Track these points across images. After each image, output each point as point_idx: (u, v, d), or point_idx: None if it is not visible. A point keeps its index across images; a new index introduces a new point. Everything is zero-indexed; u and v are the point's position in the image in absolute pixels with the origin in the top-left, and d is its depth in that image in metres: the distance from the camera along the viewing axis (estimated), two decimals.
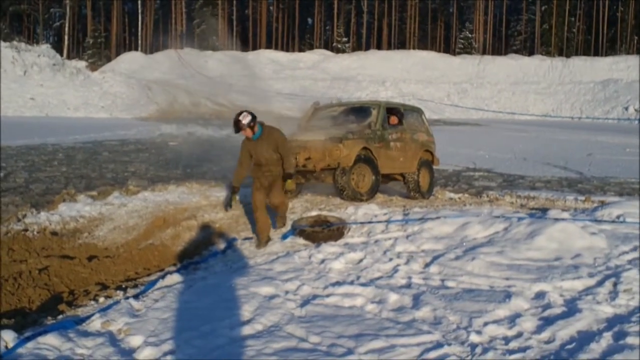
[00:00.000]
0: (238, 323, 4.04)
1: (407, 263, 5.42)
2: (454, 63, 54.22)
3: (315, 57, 56.72)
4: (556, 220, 6.09)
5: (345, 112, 9.49)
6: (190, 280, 5.33)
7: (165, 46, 58.83)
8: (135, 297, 4.74)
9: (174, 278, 5.30)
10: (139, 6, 67.72)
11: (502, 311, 4.11)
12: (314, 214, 7.29)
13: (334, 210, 7.50)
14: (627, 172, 14.11)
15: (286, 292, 4.73)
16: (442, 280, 4.89)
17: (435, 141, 10.24)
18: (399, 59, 54.61)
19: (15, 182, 11.14)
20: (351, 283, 4.92)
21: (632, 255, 5.26)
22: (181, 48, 55.26)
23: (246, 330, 3.93)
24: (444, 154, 12.09)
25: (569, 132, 29.47)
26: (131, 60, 52.70)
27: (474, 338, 3.71)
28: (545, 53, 61.01)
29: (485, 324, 3.90)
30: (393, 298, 4.49)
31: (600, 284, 4.58)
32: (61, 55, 47.34)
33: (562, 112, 45.46)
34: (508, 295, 4.35)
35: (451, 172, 14.11)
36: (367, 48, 66.81)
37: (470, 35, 65.84)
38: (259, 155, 6.51)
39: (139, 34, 68.53)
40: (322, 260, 5.67)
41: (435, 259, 5.46)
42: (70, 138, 20.94)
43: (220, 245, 6.80)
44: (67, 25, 61.98)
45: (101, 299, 4.86)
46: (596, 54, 61.57)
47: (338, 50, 62.08)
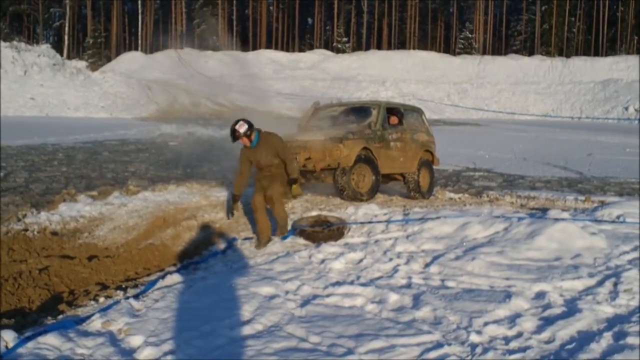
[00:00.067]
0: (238, 323, 4.04)
1: (407, 263, 5.42)
2: (454, 63, 54.23)
3: (316, 57, 56.74)
4: (556, 220, 6.09)
5: (345, 112, 9.49)
6: (190, 280, 5.33)
7: (166, 46, 58.88)
8: (136, 297, 4.74)
9: (174, 278, 5.30)
10: (139, 6, 67.73)
11: (502, 311, 4.11)
12: (314, 214, 7.29)
13: (334, 210, 7.50)
14: (627, 172, 14.11)
15: (286, 292, 4.73)
16: (442, 280, 4.89)
17: (435, 141, 10.25)
18: (399, 59, 54.63)
19: (15, 182, 11.14)
20: (351, 283, 4.92)
21: (633, 255, 5.26)
22: (181, 48, 55.30)
23: (246, 330, 3.93)
24: (444, 154, 12.09)
25: (569, 132, 29.48)
26: (131, 60, 52.72)
27: (474, 338, 3.71)
28: (545, 53, 61.02)
29: (486, 324, 3.90)
30: (393, 298, 4.49)
31: (600, 284, 4.58)
32: (61, 55, 47.36)
33: (562, 112, 45.47)
34: (508, 295, 4.35)
35: (451, 172, 14.10)
36: (367, 48, 66.83)
37: (470, 36, 65.85)
38: (259, 161, 6.50)
39: (139, 33, 68.56)
40: (322, 260, 5.67)
41: (435, 259, 5.46)
42: (70, 138, 20.94)
43: (221, 245, 6.80)
44: (67, 25, 62.00)
45: (101, 299, 4.85)
46: (596, 54, 61.58)
47: (338, 50, 62.09)
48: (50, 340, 3.62)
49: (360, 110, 9.45)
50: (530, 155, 18.03)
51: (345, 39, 66.41)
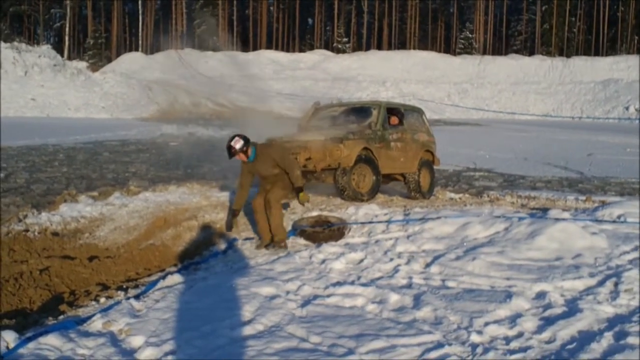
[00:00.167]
0: (239, 323, 4.04)
1: (408, 263, 5.42)
2: (454, 63, 54.25)
3: (316, 58, 56.79)
4: (557, 220, 6.09)
5: (345, 113, 9.49)
6: (191, 280, 5.33)
7: (166, 47, 58.92)
8: (136, 298, 4.74)
9: (175, 278, 5.30)
10: (140, 7, 67.80)
11: (503, 311, 4.11)
12: (314, 214, 7.29)
13: (334, 211, 7.50)
14: (628, 172, 14.11)
15: (287, 292, 4.73)
16: (443, 280, 4.89)
17: (435, 141, 10.25)
18: (400, 59, 54.66)
19: (16, 183, 11.15)
20: (352, 283, 4.92)
21: (633, 255, 5.26)
22: (182, 48, 55.38)
23: (247, 330, 3.93)
24: (445, 154, 12.09)
25: (570, 132, 29.47)
26: (132, 61, 52.79)
27: (474, 338, 3.70)
28: (545, 53, 61.05)
29: (486, 324, 3.90)
30: (394, 298, 4.49)
31: (601, 283, 4.58)
32: (62, 55, 47.40)
33: (563, 112, 45.48)
34: (509, 295, 4.35)
35: (452, 172, 14.10)
36: (368, 48, 66.86)
37: (470, 36, 65.86)
38: (260, 173, 6.46)
39: (140, 34, 68.61)
40: (323, 261, 5.67)
41: (436, 259, 5.46)
42: (71, 138, 20.96)
43: (221, 246, 6.79)
44: (68, 25, 62.05)
45: (102, 300, 4.85)
46: (597, 53, 61.58)
47: (338, 51, 62.12)
48: (51, 340, 3.62)
49: (360, 111, 9.45)
50: (530, 155, 18.03)
51: (345, 39, 66.43)
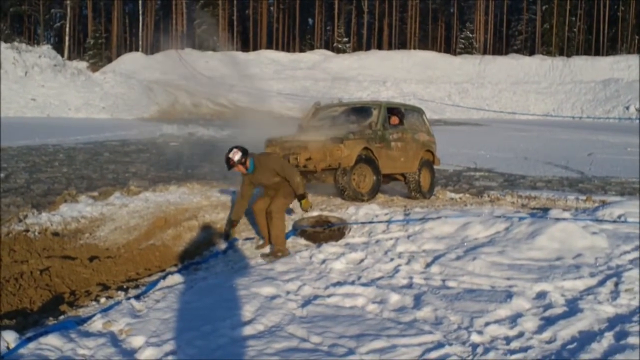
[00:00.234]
0: (239, 323, 4.04)
1: (408, 263, 5.41)
2: (454, 63, 54.25)
3: (316, 57, 56.77)
4: (557, 220, 6.08)
5: (346, 112, 9.49)
6: (191, 280, 5.33)
7: (166, 47, 58.91)
8: (137, 298, 4.74)
9: (175, 278, 5.30)
10: (140, 7, 67.81)
11: (504, 311, 4.11)
12: (315, 214, 7.28)
13: (335, 211, 7.50)
14: (628, 172, 14.11)
15: (287, 293, 4.73)
16: (443, 280, 4.89)
17: (436, 141, 10.24)
18: (400, 59, 54.66)
19: (16, 183, 11.16)
20: (352, 283, 4.92)
21: (634, 255, 5.25)
22: (182, 48, 55.36)
23: (247, 330, 3.93)
24: (445, 154, 12.10)
25: (570, 132, 29.47)
26: (132, 61, 52.78)
27: (475, 338, 3.70)
28: (546, 53, 61.04)
29: (487, 324, 3.90)
30: (394, 298, 4.49)
31: (601, 283, 4.57)
32: (62, 56, 47.41)
33: (563, 112, 45.48)
34: (509, 295, 4.35)
35: (452, 172, 14.10)
36: (368, 48, 66.86)
37: (471, 35, 65.84)
38: (261, 183, 6.42)
39: (140, 34, 68.62)
40: (323, 261, 5.67)
41: (436, 259, 5.46)
42: (71, 139, 20.97)
43: (222, 246, 6.79)
44: (68, 26, 62.07)
45: (102, 300, 4.86)
46: (597, 53, 61.56)
47: (339, 51, 62.11)
48: (52, 340, 3.63)
49: (361, 111, 9.45)
50: (531, 155, 18.03)
51: (345, 39, 66.42)
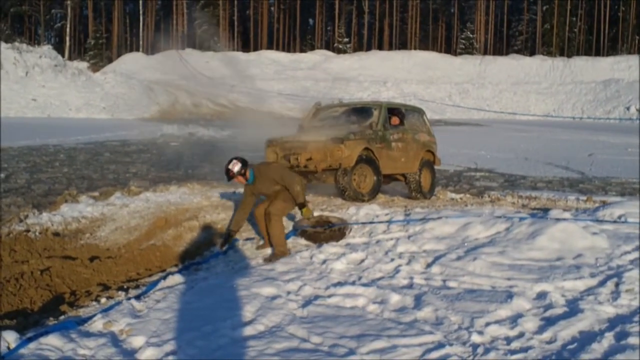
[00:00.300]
0: (240, 323, 4.04)
1: (409, 263, 5.41)
2: (455, 63, 54.24)
3: (317, 58, 56.78)
4: (558, 220, 6.08)
5: (346, 113, 9.49)
6: (191, 280, 5.34)
7: (167, 47, 58.92)
8: (137, 298, 4.75)
9: (176, 279, 5.30)
10: (140, 7, 67.83)
11: (504, 311, 4.10)
12: (315, 214, 7.28)
13: (335, 211, 7.50)
14: (629, 172, 14.10)
15: (288, 293, 4.73)
16: (444, 281, 4.89)
17: (436, 141, 10.25)
18: (400, 59, 54.64)
19: (17, 183, 11.17)
20: (353, 283, 4.92)
21: (634, 255, 5.25)
22: (182, 49, 55.37)
23: (248, 330, 3.93)
24: (446, 155, 12.11)
25: (571, 132, 29.46)
26: (132, 61, 52.80)
27: (475, 338, 3.70)
28: (546, 53, 61.03)
29: (487, 324, 3.90)
30: (395, 298, 4.48)
31: (602, 284, 4.57)
32: (63, 56, 47.43)
33: (564, 112, 45.47)
34: (510, 296, 4.35)
35: (452, 173, 14.10)
36: (369, 48, 66.86)
37: (471, 36, 65.82)
38: (262, 192, 6.38)
39: (140, 34, 68.63)
40: (324, 261, 5.67)
41: (436, 259, 5.46)
42: (71, 139, 20.98)
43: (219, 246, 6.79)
44: (69, 26, 62.11)
45: (103, 300, 4.86)
46: (597, 53, 61.54)
47: (339, 51, 62.11)
48: (52, 341, 3.63)
49: (361, 111, 9.45)
50: (531, 156, 18.03)
51: (346, 40, 66.42)
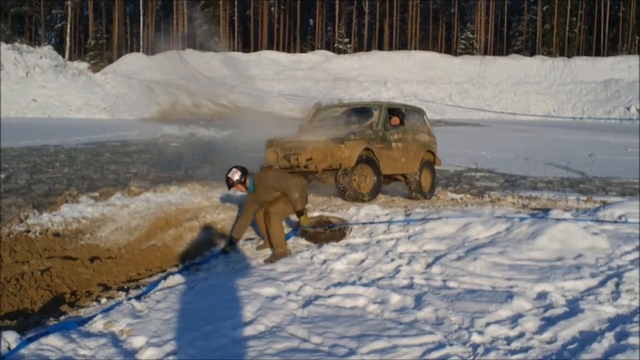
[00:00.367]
0: (240, 324, 4.05)
1: (409, 263, 5.42)
2: (455, 63, 54.22)
3: (317, 58, 56.76)
4: (558, 220, 6.08)
5: (346, 113, 9.50)
6: (192, 281, 5.34)
7: (167, 47, 58.91)
8: (138, 298, 4.75)
9: (176, 279, 5.31)
10: (141, 7, 67.83)
11: (504, 311, 4.11)
12: (316, 214, 7.29)
13: (335, 211, 7.50)
14: (629, 172, 14.10)
15: (288, 293, 4.73)
16: (444, 281, 4.89)
17: (436, 142, 10.25)
18: (401, 59, 54.62)
19: (17, 184, 11.17)
20: (353, 284, 4.92)
21: (634, 255, 5.25)
22: (183, 49, 55.36)
23: (248, 330, 3.93)
24: (446, 155, 12.10)
25: (571, 133, 29.45)
26: (133, 62, 52.78)
27: (475, 338, 3.70)
28: (546, 53, 61.00)
29: (487, 325, 3.90)
30: (395, 298, 4.49)
31: (602, 284, 4.57)
32: (63, 56, 47.43)
33: (564, 112, 45.45)
34: (510, 296, 4.35)
35: (453, 173, 14.10)
36: (369, 49, 66.84)
37: (471, 36, 65.79)
38: (263, 200, 6.37)
39: (141, 35, 68.61)
40: (324, 261, 5.67)
41: (437, 259, 5.46)
42: (72, 139, 20.98)
43: (222, 246, 6.80)
44: (69, 26, 62.12)
45: (103, 300, 4.86)
46: (598, 54, 61.50)
47: (339, 51, 62.10)
48: (53, 341, 3.63)
49: (361, 111, 9.46)
50: (532, 156, 18.03)
51: (346, 40, 66.40)
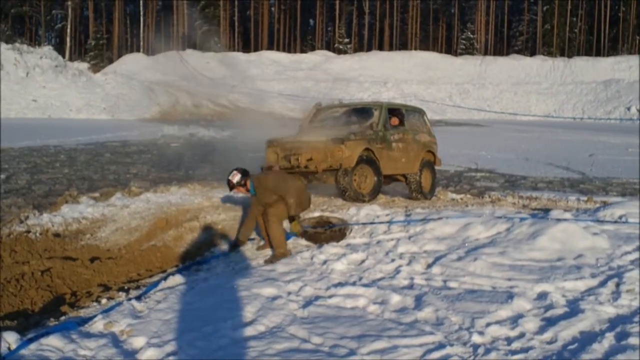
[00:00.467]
0: (240, 324, 4.04)
1: (410, 264, 5.41)
2: (455, 64, 54.21)
3: (317, 58, 56.75)
4: (558, 220, 6.08)
5: (347, 113, 9.50)
6: (192, 281, 5.34)
7: (167, 48, 58.90)
8: (138, 299, 4.75)
9: (176, 279, 5.30)
10: (141, 8, 67.84)
11: (505, 312, 4.10)
12: (316, 215, 7.29)
13: (336, 211, 7.50)
14: (630, 173, 14.09)
15: (288, 293, 4.73)
16: (445, 281, 4.89)
17: (437, 142, 10.25)
18: (401, 59, 54.61)
19: (17, 184, 11.17)
20: (353, 284, 4.92)
21: (635, 255, 5.24)
22: (183, 49, 55.37)
23: (248, 331, 3.93)
24: (446, 155, 12.10)
25: (571, 133, 29.44)
26: (133, 62, 52.77)
27: (476, 339, 3.70)
28: (547, 53, 61.00)
29: (488, 325, 3.90)
30: (395, 299, 4.49)
31: (602, 284, 4.57)
32: (63, 57, 47.47)
33: (564, 113, 45.44)
34: (510, 296, 4.35)
35: (453, 173, 14.10)
36: (369, 49, 66.83)
37: (472, 36, 65.79)
38: (265, 202, 6.36)
39: (141, 35, 68.61)
40: (325, 261, 5.67)
41: (437, 259, 5.46)
42: (72, 140, 20.99)
43: (223, 247, 6.80)
44: (69, 27, 62.16)
45: (103, 301, 4.86)
46: (598, 54, 61.50)
47: (340, 51, 62.10)
48: (53, 341, 3.63)
49: (362, 111, 9.46)
50: (532, 156, 18.02)
51: (346, 40, 66.40)
